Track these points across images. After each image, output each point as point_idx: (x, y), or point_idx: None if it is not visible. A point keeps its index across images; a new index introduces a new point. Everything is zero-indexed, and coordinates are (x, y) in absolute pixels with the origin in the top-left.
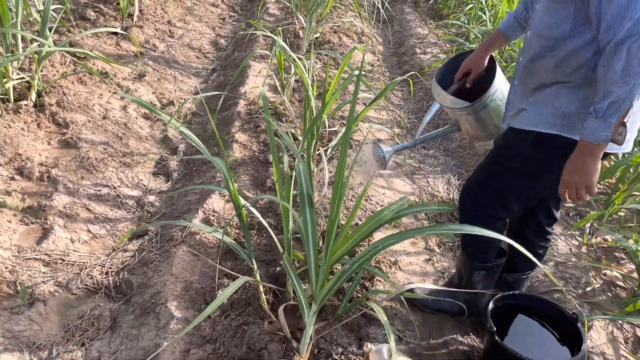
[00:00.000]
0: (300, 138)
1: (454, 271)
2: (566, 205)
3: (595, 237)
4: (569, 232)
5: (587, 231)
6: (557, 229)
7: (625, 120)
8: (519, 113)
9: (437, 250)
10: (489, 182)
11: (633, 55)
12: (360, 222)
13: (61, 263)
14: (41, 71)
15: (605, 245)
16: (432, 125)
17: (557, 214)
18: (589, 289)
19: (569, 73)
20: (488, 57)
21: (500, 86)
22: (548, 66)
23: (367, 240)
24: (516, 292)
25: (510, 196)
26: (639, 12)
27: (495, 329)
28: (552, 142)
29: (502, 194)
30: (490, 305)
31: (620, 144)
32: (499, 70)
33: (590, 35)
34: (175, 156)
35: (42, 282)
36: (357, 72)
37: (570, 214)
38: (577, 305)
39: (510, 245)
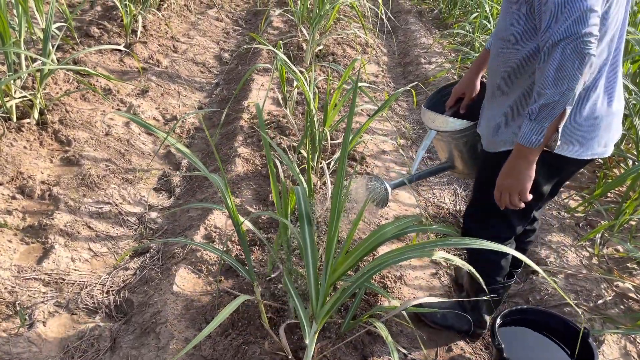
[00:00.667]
0: (303, 152)
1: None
2: (576, 215)
3: (607, 248)
4: (579, 243)
5: (598, 242)
6: (567, 240)
7: (559, 127)
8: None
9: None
10: (488, 203)
11: (567, 57)
12: (363, 236)
13: (61, 283)
14: (44, 89)
15: (616, 256)
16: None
17: (538, 213)
18: (600, 301)
19: (526, 81)
20: (480, 78)
21: None
22: (502, 72)
23: (371, 254)
24: (524, 306)
25: (507, 212)
26: (576, 12)
27: (503, 345)
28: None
29: (503, 213)
30: (498, 320)
31: (552, 150)
32: None
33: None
34: (178, 172)
35: (42, 302)
36: (358, 84)
37: (581, 224)
38: (586, 320)
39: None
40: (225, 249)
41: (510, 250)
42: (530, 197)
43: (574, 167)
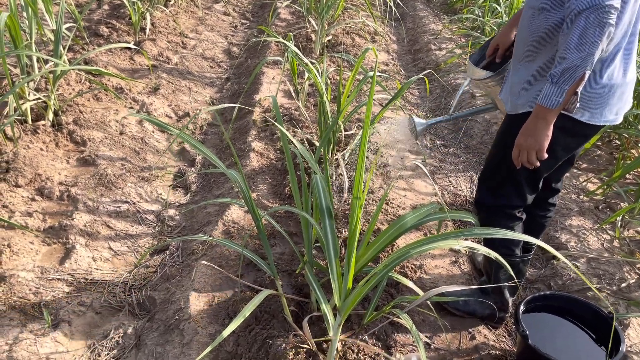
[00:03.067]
0: (317, 143)
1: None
2: (595, 198)
3: (628, 230)
4: (599, 227)
5: (619, 224)
6: (587, 224)
7: (578, 90)
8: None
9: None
10: (500, 168)
11: (590, 24)
12: (382, 227)
13: (84, 282)
14: (57, 90)
15: (638, 238)
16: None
17: (560, 185)
18: (623, 285)
19: (551, 49)
20: (514, 32)
21: None
22: (530, 40)
23: (391, 245)
24: (547, 292)
25: (520, 179)
26: None
27: (527, 332)
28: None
29: (515, 178)
30: (522, 307)
31: (570, 112)
32: None
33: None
34: (193, 168)
35: (67, 302)
36: (371, 74)
37: (600, 207)
38: (610, 303)
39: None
40: (245, 244)
41: (531, 238)
42: (546, 155)
43: (587, 131)
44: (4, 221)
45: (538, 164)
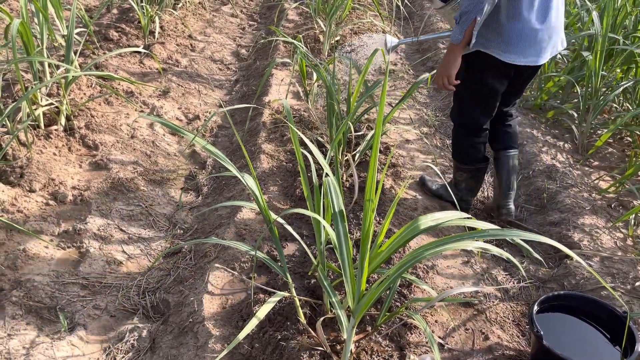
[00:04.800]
0: (327, 145)
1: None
2: (607, 196)
3: None
4: (612, 225)
5: (632, 223)
6: (599, 222)
7: (474, 31)
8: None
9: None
10: (460, 98)
11: None
12: (393, 228)
13: (99, 286)
14: (69, 95)
15: None
16: None
17: (512, 108)
18: (638, 283)
19: None
20: None
21: None
22: None
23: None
24: (561, 292)
25: (473, 106)
26: None
27: (542, 332)
28: (476, 56)
29: (469, 105)
30: (535, 307)
31: (470, 47)
32: None
33: None
34: (204, 171)
35: (82, 306)
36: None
37: (613, 205)
38: (624, 302)
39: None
40: (257, 246)
41: (547, 239)
42: (454, 81)
43: (510, 70)
44: (20, 229)
45: (452, 88)
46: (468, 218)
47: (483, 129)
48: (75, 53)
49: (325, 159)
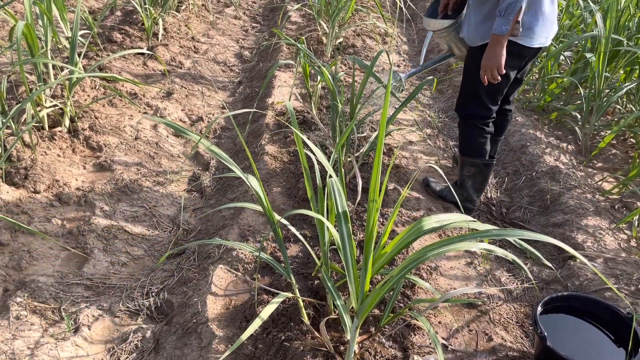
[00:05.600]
0: (329, 146)
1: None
2: (611, 198)
3: None
4: (616, 226)
5: (636, 224)
6: (603, 223)
7: (519, 19)
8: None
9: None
10: (469, 90)
11: None
12: (396, 229)
13: (103, 287)
14: (73, 97)
15: None
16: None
17: (512, 98)
18: None
19: None
20: None
21: None
22: None
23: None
24: (565, 293)
25: (483, 96)
26: None
27: (546, 334)
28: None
29: (479, 96)
30: (539, 308)
31: (517, 36)
32: None
33: None
34: (207, 172)
35: (86, 307)
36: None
37: (616, 207)
38: (629, 304)
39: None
40: (261, 248)
41: (555, 240)
42: (504, 71)
43: (526, 53)
44: (25, 228)
45: (500, 78)
46: (472, 221)
47: (492, 118)
48: (79, 55)
49: (328, 160)
